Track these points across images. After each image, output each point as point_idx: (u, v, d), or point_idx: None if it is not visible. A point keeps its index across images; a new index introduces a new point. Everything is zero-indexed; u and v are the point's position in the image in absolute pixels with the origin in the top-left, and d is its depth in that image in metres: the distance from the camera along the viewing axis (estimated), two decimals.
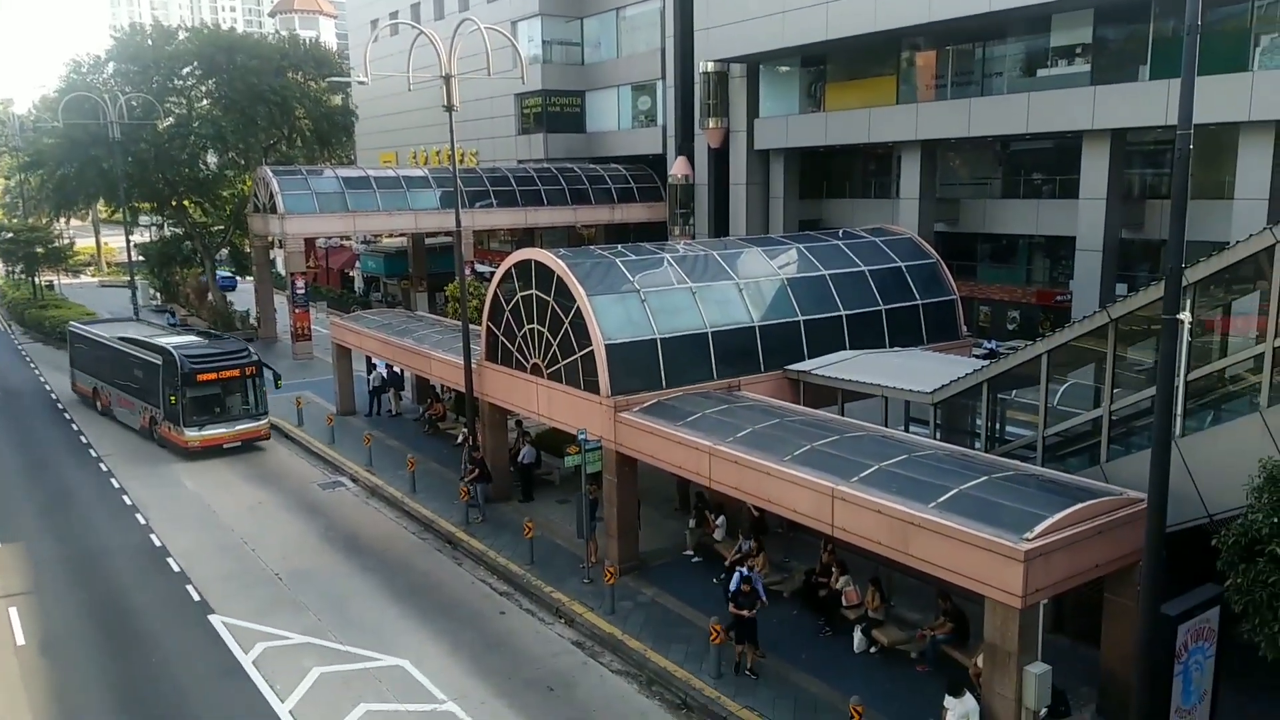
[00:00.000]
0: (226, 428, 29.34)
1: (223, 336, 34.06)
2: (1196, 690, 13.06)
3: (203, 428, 28.89)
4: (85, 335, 35.83)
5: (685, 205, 43.75)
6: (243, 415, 29.75)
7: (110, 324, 37.63)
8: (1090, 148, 29.40)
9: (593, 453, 19.63)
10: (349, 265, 66.99)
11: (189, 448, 28.77)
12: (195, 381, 28.66)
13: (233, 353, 30.22)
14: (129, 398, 32.09)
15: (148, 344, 30.87)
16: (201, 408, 28.98)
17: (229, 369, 29.44)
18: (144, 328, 36.02)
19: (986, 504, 13.37)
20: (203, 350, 30.13)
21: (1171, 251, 10.39)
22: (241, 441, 29.59)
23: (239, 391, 29.62)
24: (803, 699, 15.49)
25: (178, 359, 28.79)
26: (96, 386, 34.74)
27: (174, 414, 28.87)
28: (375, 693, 16.09)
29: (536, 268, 21.33)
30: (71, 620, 19.03)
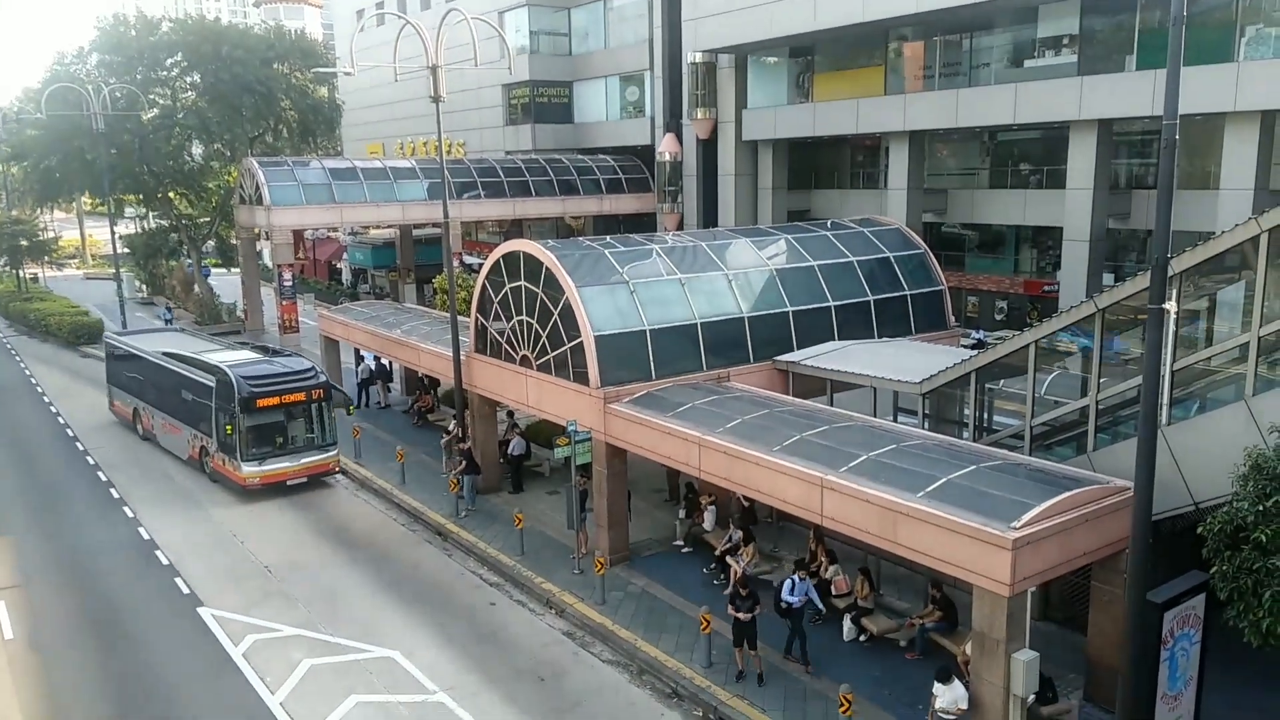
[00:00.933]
0: (290, 461, 25.05)
1: (281, 351, 29.23)
2: (1182, 676, 13.18)
3: (263, 462, 24.63)
4: (124, 349, 31.47)
5: (674, 183, 43.68)
6: (308, 446, 25.46)
7: (149, 335, 33.47)
8: (1077, 138, 29.51)
9: (582, 444, 19.63)
10: (336, 257, 66.74)
11: (247, 485, 24.56)
12: (255, 408, 24.40)
13: (297, 373, 25.76)
14: (175, 423, 27.95)
15: (197, 362, 26.72)
16: (262, 438, 24.71)
17: (294, 392, 25.19)
18: (188, 340, 31.85)
19: (974, 493, 13.45)
20: (262, 370, 25.65)
21: (1158, 241, 10.45)
22: (307, 477, 25.39)
23: (304, 418, 25.43)
24: (792, 687, 15.57)
25: (234, 381, 24.49)
26: (137, 408, 30.59)
27: (229, 445, 24.65)
28: (366, 684, 16.10)
29: (525, 259, 21.29)
30: (58, 612, 18.94)
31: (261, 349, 29.34)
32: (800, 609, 16.17)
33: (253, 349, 29.66)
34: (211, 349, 28.98)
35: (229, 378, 24.63)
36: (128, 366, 31.12)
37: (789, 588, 16.15)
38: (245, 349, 29.62)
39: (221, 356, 27.03)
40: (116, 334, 33.27)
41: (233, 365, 25.46)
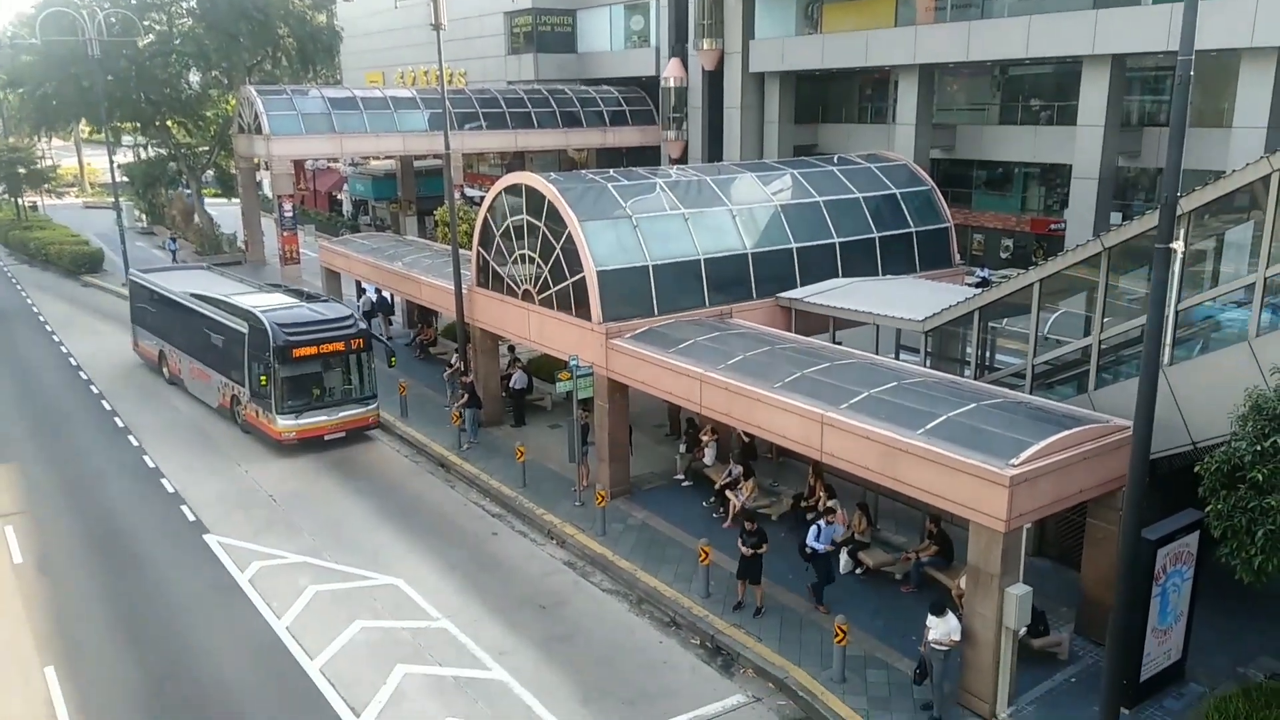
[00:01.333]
0: (328, 415, 23.62)
1: (318, 296, 27.39)
2: (1173, 611, 13.42)
3: (300, 415, 23.19)
4: (149, 288, 29.70)
5: (678, 110, 43.06)
6: (347, 399, 24.01)
7: (175, 273, 31.62)
8: (1090, 73, 29.00)
9: (584, 379, 19.70)
10: (337, 188, 66.19)
11: (282, 439, 23.24)
12: (291, 357, 22.84)
13: (335, 321, 23.97)
14: (204, 368, 26.44)
15: (228, 305, 25.01)
16: (298, 390, 23.20)
17: (333, 341, 23.50)
18: (215, 279, 29.91)
19: (974, 430, 13.52)
20: (299, 317, 23.94)
21: (1168, 180, 10.31)
22: (345, 432, 24.02)
23: (343, 369, 23.94)
24: (789, 618, 15.86)
25: (269, 328, 22.85)
26: (163, 351, 29.18)
27: (264, 397, 23.21)
28: (370, 610, 16.41)
29: (527, 192, 21.10)
30: (66, 538, 19.23)
31: (296, 293, 27.39)
32: (826, 555, 16.16)
33: (286, 292, 27.52)
34: (242, 291, 27.22)
35: (263, 325, 23.01)
36: (152, 307, 29.63)
37: (814, 533, 15.98)
38: (278, 292, 27.51)
39: (254, 300, 25.16)
40: (141, 272, 31.16)
41: (267, 311, 23.76)
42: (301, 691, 14.20)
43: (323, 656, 15.01)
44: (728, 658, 14.99)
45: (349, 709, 13.69)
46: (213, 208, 56.06)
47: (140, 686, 14.36)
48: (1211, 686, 13.69)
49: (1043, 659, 14.28)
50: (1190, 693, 13.67)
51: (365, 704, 13.79)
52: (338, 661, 14.89)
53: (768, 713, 13.70)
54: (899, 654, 14.71)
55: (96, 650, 15.33)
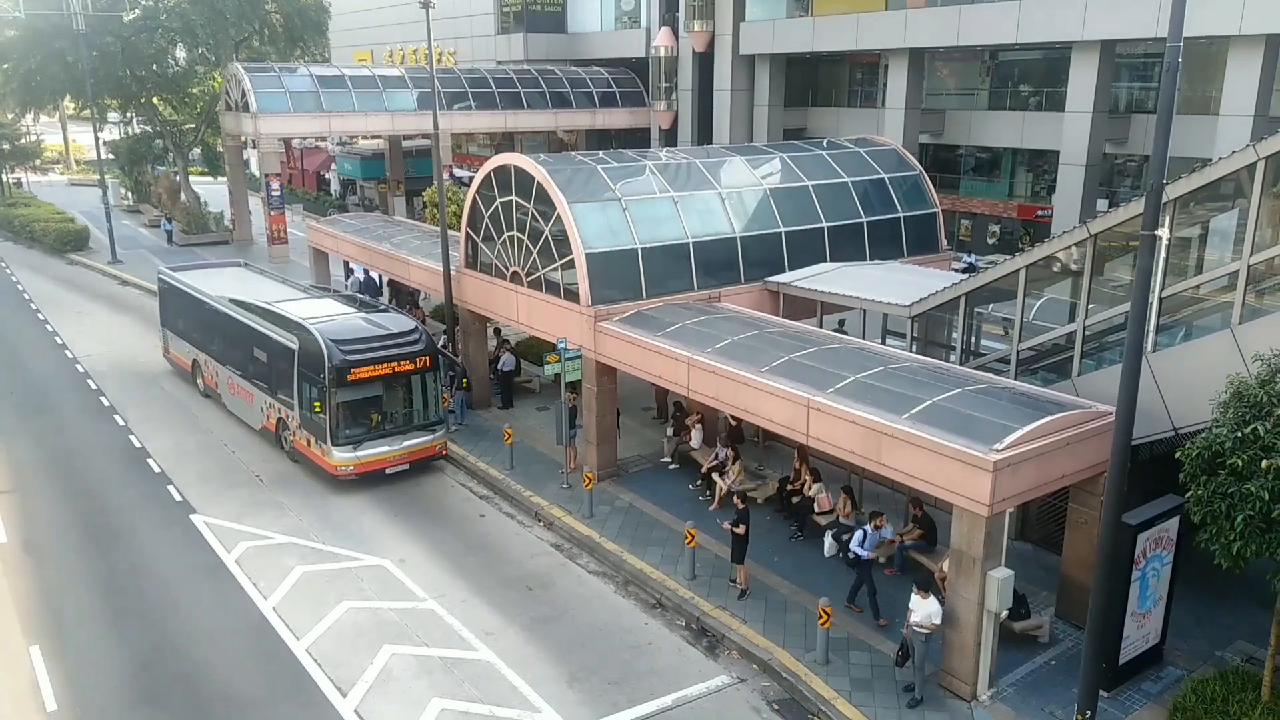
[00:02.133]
0: (390, 445, 20.58)
1: (375, 305, 24.14)
2: (1152, 596, 13.59)
3: (359, 446, 20.14)
4: (180, 289, 26.56)
5: (668, 79, 42.88)
6: (411, 426, 21.01)
7: (208, 272, 28.16)
8: (1079, 60, 29.05)
9: (572, 361, 19.72)
10: (325, 167, 65.78)
11: (338, 474, 20.14)
12: (350, 380, 19.75)
13: (399, 335, 20.81)
14: (245, 385, 23.45)
15: (275, 315, 21.99)
16: (357, 417, 20.24)
17: (397, 360, 20.43)
18: (253, 278, 27.10)
19: (959, 415, 13.62)
20: (358, 331, 20.69)
21: (1154, 167, 10.36)
22: (410, 463, 21.02)
23: (408, 391, 21.02)
24: (773, 599, 15.99)
25: (324, 346, 19.77)
26: (198, 361, 26.21)
27: (317, 425, 20.22)
28: (357, 591, 16.45)
29: (516, 174, 21.03)
30: (52, 518, 19.19)
31: (349, 299, 24.25)
32: (869, 561, 15.50)
33: (337, 298, 24.15)
34: (288, 296, 23.92)
35: (317, 341, 19.99)
36: (185, 310, 26.58)
37: (860, 539, 15.26)
38: (327, 297, 24.29)
39: (304, 310, 22.05)
40: (171, 270, 28.10)
41: (320, 323, 20.73)
42: (288, 671, 14.26)
43: (309, 637, 15.05)
44: (713, 639, 15.10)
45: (336, 689, 13.76)
46: (199, 186, 55.62)
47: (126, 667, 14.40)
48: (1189, 670, 13.89)
49: (1023, 642, 14.45)
50: (1168, 676, 13.86)
51: (352, 684, 13.85)
52: (325, 642, 14.94)
53: (752, 694, 13.83)
54: (882, 636, 14.85)
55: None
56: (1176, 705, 12.68)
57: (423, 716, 13.14)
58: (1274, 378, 11.44)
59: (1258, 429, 11.01)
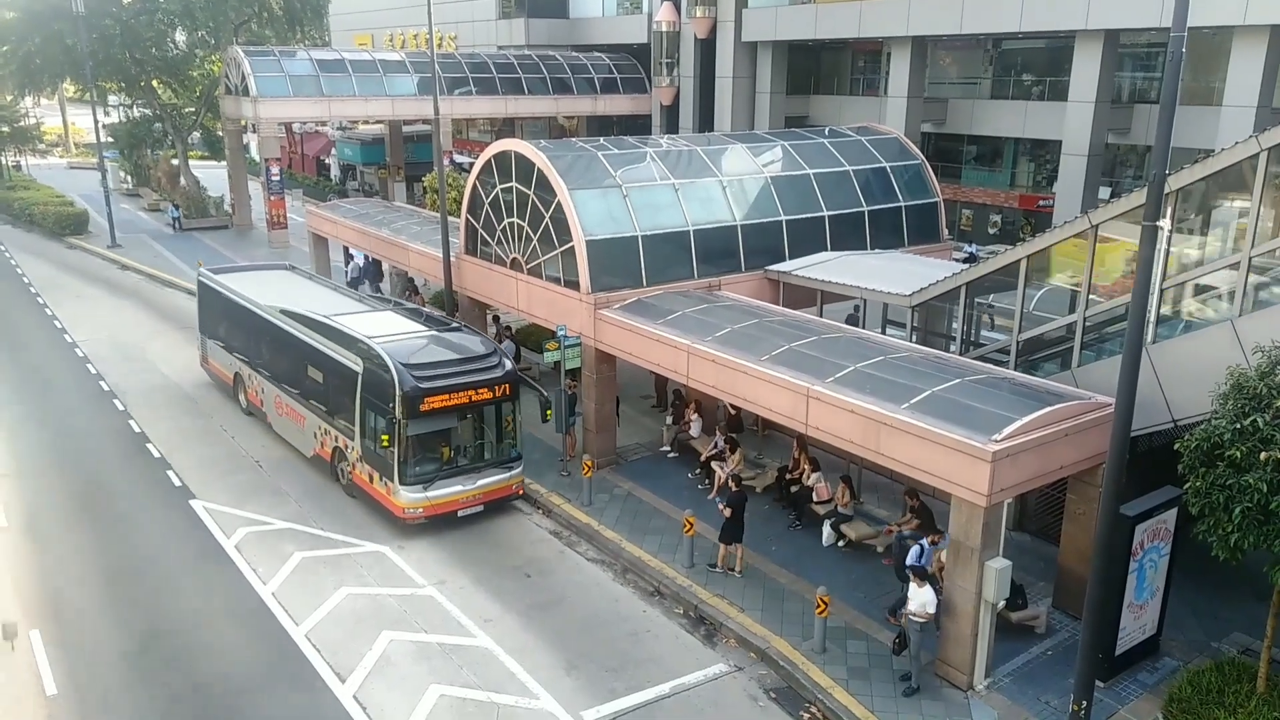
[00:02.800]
0: (464, 484, 18.18)
1: (446, 321, 21.05)
2: (1149, 587, 13.62)
3: (430, 485, 17.74)
4: (223, 294, 24.29)
5: (670, 55, 42.65)
6: (486, 462, 18.60)
7: (252, 275, 25.86)
8: (1082, 49, 28.92)
9: (572, 349, 19.71)
10: (325, 152, 65.59)
11: (405, 517, 17.83)
12: (422, 410, 17.33)
13: (477, 359, 18.45)
14: (297, 406, 21.00)
15: (333, 331, 19.59)
16: (430, 451, 17.86)
17: (476, 388, 17.96)
18: (303, 285, 24.70)
19: (958, 406, 13.61)
20: (431, 354, 18.27)
21: (1157, 157, 10.32)
22: (484, 505, 18.61)
23: (485, 422, 18.64)
24: (771, 588, 16.02)
25: (395, 370, 17.32)
26: (240, 374, 23.81)
27: (382, 460, 17.85)
28: (356, 577, 16.49)
29: (517, 160, 20.97)
30: (52, 503, 19.21)
31: (413, 312, 21.62)
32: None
33: (400, 312, 21.44)
34: (346, 308, 21.52)
35: (387, 364, 17.52)
36: (228, 317, 24.30)
37: (916, 554, 14.63)
38: (388, 309, 21.80)
39: (367, 326, 19.54)
40: (211, 272, 25.85)
41: (389, 343, 18.32)
42: (287, 657, 14.30)
43: (309, 622, 15.09)
44: (710, 627, 15.15)
45: (335, 674, 13.80)
46: (199, 170, 55.46)
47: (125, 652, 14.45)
48: (1185, 661, 13.94)
49: (1020, 632, 14.50)
50: (1164, 667, 13.91)
51: (351, 669, 13.90)
52: (324, 627, 14.98)
53: (749, 682, 13.88)
54: (879, 625, 14.90)
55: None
56: (1172, 696, 12.73)
57: (421, 702, 13.19)
58: (1274, 370, 11.43)
59: (1257, 421, 11.00)
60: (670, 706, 13.30)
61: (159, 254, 42.27)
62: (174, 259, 41.05)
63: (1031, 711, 13.00)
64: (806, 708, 13.32)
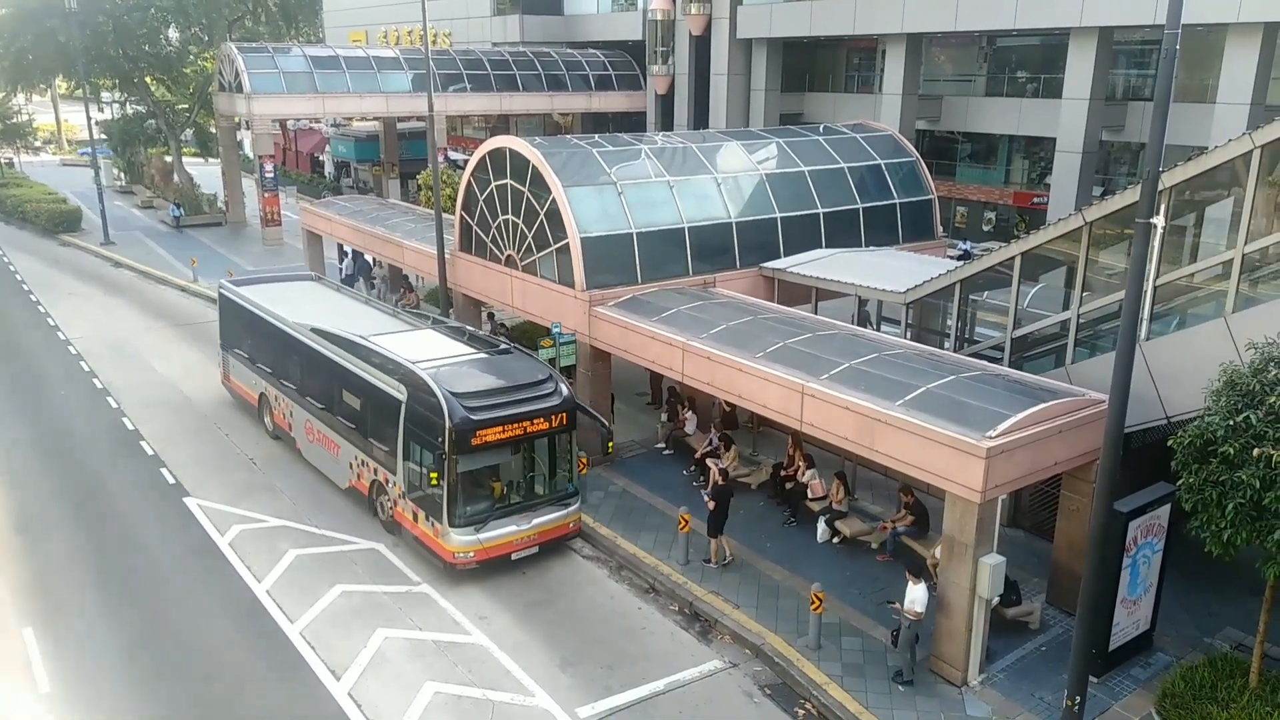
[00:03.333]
0: (518, 524, 16.48)
1: (494, 341, 19.32)
2: (1143, 583, 13.66)
3: (481, 526, 16.06)
4: (247, 308, 22.46)
5: (665, 44, 42.58)
6: (541, 499, 16.97)
7: (277, 286, 23.94)
8: (1077, 46, 28.96)
9: (567, 346, 19.70)
10: (319, 149, 65.44)
11: (456, 562, 16.09)
12: (474, 444, 15.69)
13: (532, 386, 16.71)
14: (330, 433, 19.36)
15: (371, 352, 17.98)
16: (481, 489, 16.38)
17: (531, 417, 16.31)
18: (331, 297, 23.17)
19: (952, 402, 13.64)
20: (481, 382, 16.62)
21: (1150, 155, 10.34)
22: (539, 546, 16.91)
23: (539, 455, 17.09)
24: (766, 584, 16.04)
25: (443, 400, 15.65)
26: (266, 395, 22.02)
27: (429, 499, 16.22)
28: (351, 574, 16.46)
29: (511, 157, 20.95)
30: (45, 501, 19.16)
31: (456, 330, 19.73)
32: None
33: (441, 330, 19.60)
34: (382, 326, 19.76)
35: (435, 393, 15.83)
36: (252, 333, 22.51)
37: None
38: (426, 326, 19.97)
39: (408, 348, 17.83)
40: (234, 283, 24.10)
41: (434, 369, 16.64)
42: (282, 654, 14.28)
43: (303, 620, 15.07)
44: (705, 624, 15.16)
45: (329, 672, 13.79)
46: (192, 167, 55.32)
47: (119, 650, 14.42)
48: (1178, 656, 13.99)
49: (1014, 628, 14.53)
50: (1157, 662, 13.96)
51: (346, 667, 13.88)
52: (318, 625, 14.96)
53: (744, 678, 13.89)
54: (874, 621, 14.91)
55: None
56: (1165, 691, 12.77)
57: (416, 700, 13.18)
58: (1267, 366, 11.46)
59: (1250, 417, 11.04)
60: (665, 703, 13.31)
61: (152, 251, 42.16)
62: (168, 256, 40.93)
63: (1025, 707, 13.04)
64: (801, 704, 13.34)
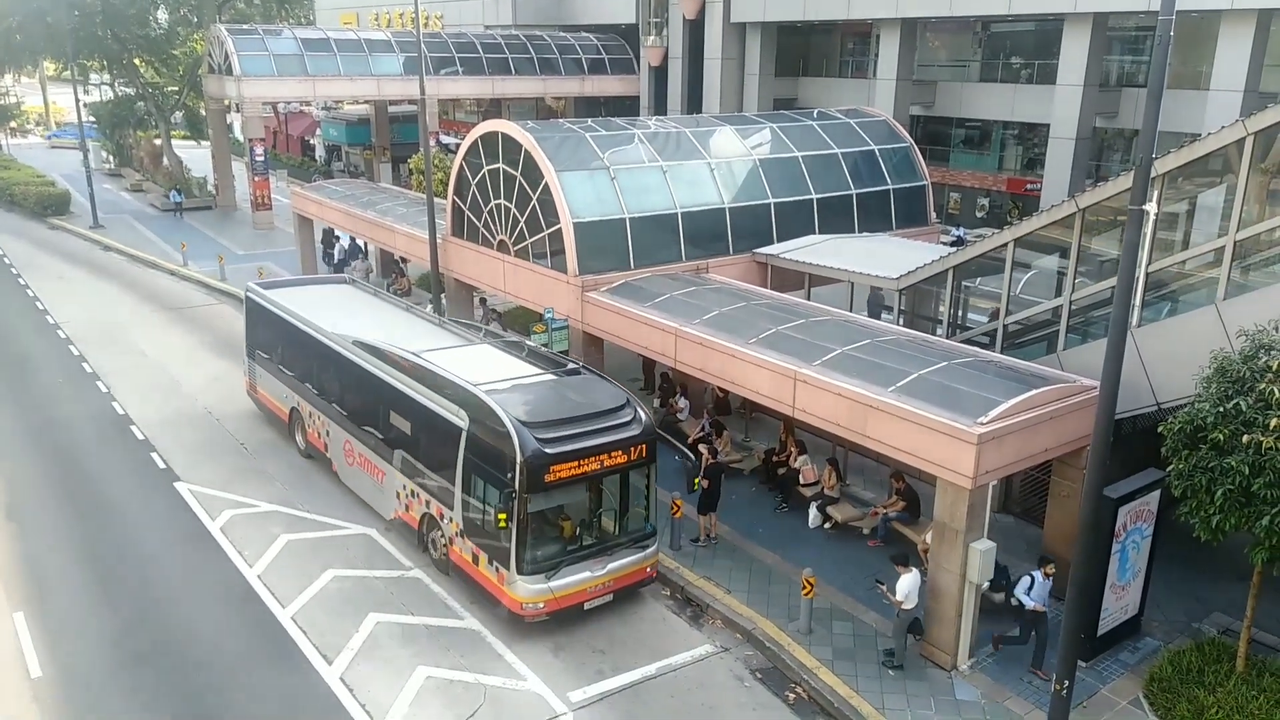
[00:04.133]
0: (593, 569, 14.43)
1: (562, 361, 16.85)
2: (1132, 568, 13.74)
3: (553, 573, 14.05)
4: (278, 315, 20.67)
5: (659, 15, 42.40)
6: (617, 540, 14.89)
7: (309, 290, 22.15)
8: (1071, 32, 28.92)
9: (559, 331, 19.66)
10: (310, 132, 65.07)
11: (525, 613, 14.08)
12: (547, 482, 13.73)
13: (608, 414, 14.59)
14: (373, 458, 17.54)
15: (426, 372, 15.97)
16: (553, 530, 14.58)
17: (609, 449, 14.22)
18: (373, 304, 21.18)
19: (944, 389, 13.65)
20: (555, 410, 14.53)
21: (1144, 141, 10.32)
22: (614, 594, 14.85)
23: (615, 492, 15.13)
24: (757, 569, 16.09)
25: (514, 431, 13.66)
26: (299, 409, 20.26)
27: (494, 542, 14.17)
28: (343, 559, 16.45)
29: (504, 141, 20.85)
30: (35, 485, 19.09)
31: (513, 345, 17.73)
32: (1042, 614, 13.40)
33: (497, 345, 17.65)
34: (432, 340, 17.67)
35: (503, 424, 13.84)
36: (283, 342, 20.67)
37: (1026, 585, 13.43)
38: (483, 342, 17.83)
39: (466, 367, 15.82)
40: (262, 287, 22.18)
41: (499, 393, 14.69)
42: (274, 639, 14.29)
43: (295, 604, 15.07)
44: (697, 609, 15.20)
45: (321, 656, 13.80)
46: (182, 150, 54.93)
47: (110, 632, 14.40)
48: (1166, 641, 14.09)
49: (1004, 612, 14.59)
50: (1145, 647, 14.06)
51: (338, 651, 13.89)
52: (310, 609, 14.95)
53: (735, 663, 13.95)
54: (864, 607, 14.98)
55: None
56: (1153, 675, 12.88)
57: (408, 684, 13.21)
58: (1257, 354, 11.51)
59: (1240, 404, 11.09)
60: (657, 687, 13.36)
61: (142, 235, 41.93)
62: (157, 240, 40.71)
63: (1014, 691, 13.13)
64: (792, 688, 13.40)
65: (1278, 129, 12.80)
